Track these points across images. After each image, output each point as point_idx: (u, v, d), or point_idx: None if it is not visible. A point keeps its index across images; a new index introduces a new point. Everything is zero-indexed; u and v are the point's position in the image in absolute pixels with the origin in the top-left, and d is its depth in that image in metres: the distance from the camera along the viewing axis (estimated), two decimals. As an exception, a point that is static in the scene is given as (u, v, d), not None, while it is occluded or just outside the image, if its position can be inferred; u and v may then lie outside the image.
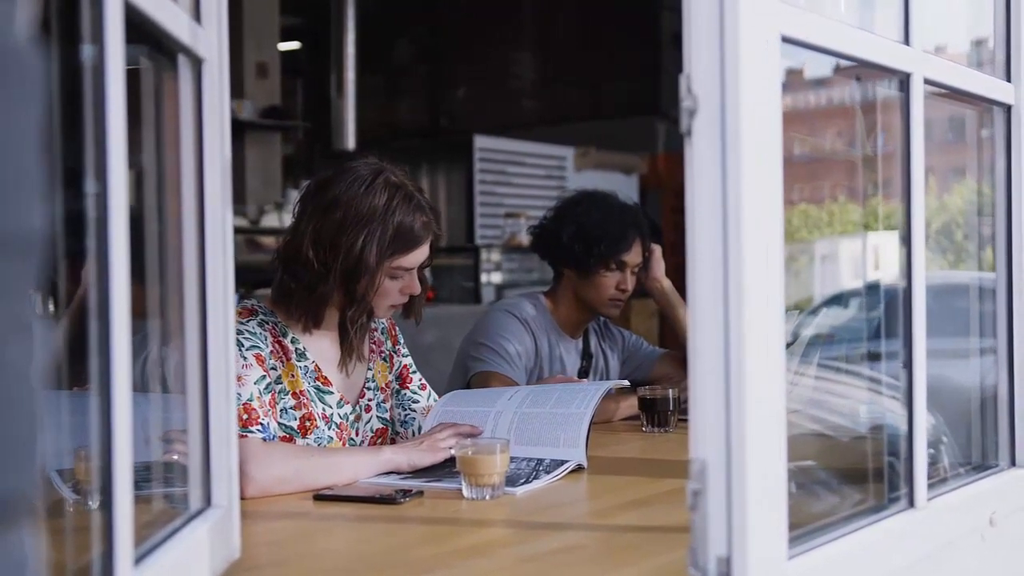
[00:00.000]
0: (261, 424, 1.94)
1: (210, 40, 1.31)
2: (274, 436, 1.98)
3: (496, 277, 7.24)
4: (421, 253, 2.11)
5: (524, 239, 7.32)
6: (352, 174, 2.07)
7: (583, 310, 2.99)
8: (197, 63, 1.30)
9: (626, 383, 2.47)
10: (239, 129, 6.95)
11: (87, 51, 0.97)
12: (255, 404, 1.95)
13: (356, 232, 2.02)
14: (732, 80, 1.15)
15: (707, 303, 1.16)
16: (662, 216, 7.88)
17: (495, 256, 7.31)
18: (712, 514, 1.17)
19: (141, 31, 1.12)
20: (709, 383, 1.16)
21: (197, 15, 1.29)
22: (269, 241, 6.69)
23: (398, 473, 1.96)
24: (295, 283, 2.06)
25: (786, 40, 1.23)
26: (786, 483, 1.23)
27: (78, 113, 0.98)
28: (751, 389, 1.15)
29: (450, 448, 1.98)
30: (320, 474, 1.88)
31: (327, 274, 2.03)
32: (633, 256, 2.93)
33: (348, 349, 2.13)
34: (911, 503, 1.52)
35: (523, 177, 8.27)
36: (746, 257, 1.15)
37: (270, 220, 6.94)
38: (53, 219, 0.91)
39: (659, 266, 3.05)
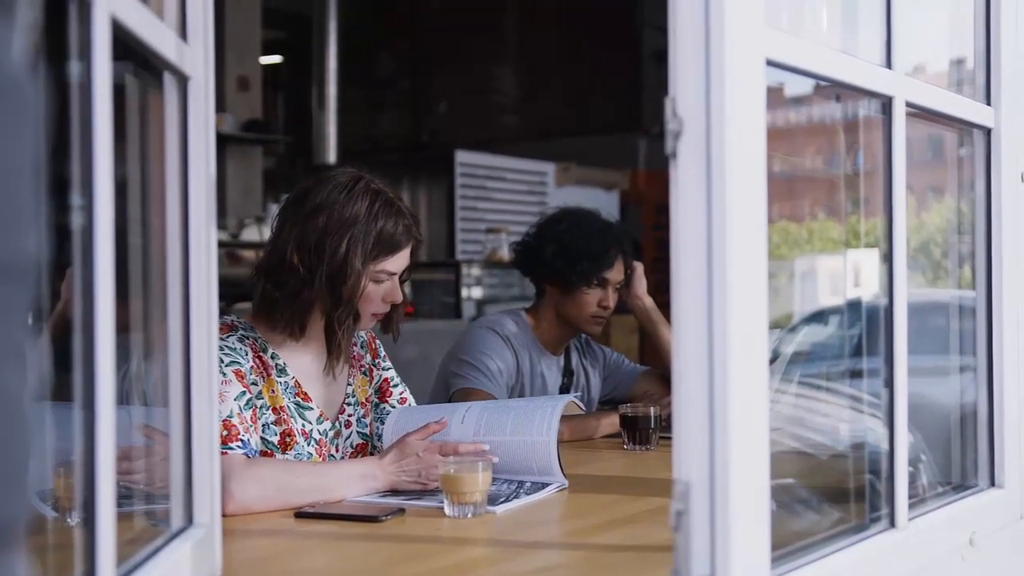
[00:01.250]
0: (241, 440, 1.93)
1: (196, 58, 1.31)
2: (255, 452, 1.97)
3: (477, 292, 7.24)
4: (403, 257, 2.12)
5: (505, 254, 7.32)
6: (332, 181, 2.10)
7: (565, 327, 3.00)
8: (183, 80, 1.30)
9: (576, 397, 2.43)
10: (220, 142, 6.89)
11: (74, 67, 0.97)
12: (235, 420, 1.94)
13: (340, 235, 2.04)
14: (717, 103, 1.16)
15: (691, 324, 1.17)
16: (643, 232, 7.89)
17: (476, 271, 7.30)
18: (695, 534, 1.17)
19: (127, 48, 1.11)
20: (693, 404, 1.17)
21: (183, 33, 1.29)
22: (249, 255, 6.67)
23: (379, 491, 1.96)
24: (279, 291, 2.06)
25: (771, 64, 1.24)
26: (769, 503, 1.24)
27: (64, 127, 0.98)
28: (735, 410, 1.16)
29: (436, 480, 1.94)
30: (302, 495, 1.87)
31: (312, 279, 2.04)
32: (615, 274, 2.94)
33: (336, 352, 2.13)
34: (892, 523, 1.53)
35: (504, 192, 8.28)
36: (731, 278, 1.15)
37: (250, 234, 6.92)
38: (41, 249, 0.91)
39: (641, 284, 3.06)
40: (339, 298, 2.05)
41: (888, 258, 1.54)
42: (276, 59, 9.19)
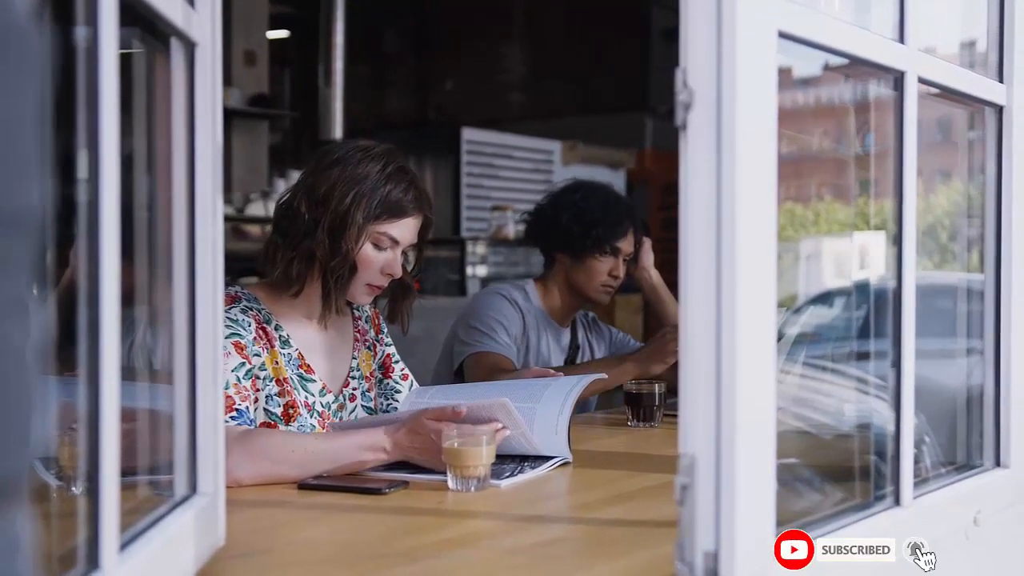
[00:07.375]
0: (237, 410, 1.93)
1: (203, 23, 1.30)
2: (252, 422, 1.97)
3: (481, 270, 7.24)
4: (408, 227, 2.12)
5: (511, 232, 7.32)
6: (356, 143, 2.15)
7: (573, 296, 3.00)
8: (190, 47, 1.29)
9: (603, 375, 2.41)
10: (226, 117, 6.86)
11: (80, 33, 0.96)
12: (231, 391, 1.94)
13: (348, 188, 2.06)
14: (729, 75, 1.14)
15: (699, 298, 1.16)
16: (649, 212, 7.87)
17: (481, 249, 7.31)
18: (700, 509, 1.16)
19: (134, 13, 1.11)
20: (700, 379, 1.16)
21: (191, -2, 1.28)
22: (255, 229, 6.67)
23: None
24: (282, 239, 2.08)
25: (783, 36, 1.23)
26: (775, 479, 1.23)
27: (71, 95, 0.97)
28: (742, 385, 1.15)
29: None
30: (302, 467, 1.83)
31: (315, 228, 2.06)
32: (627, 244, 2.95)
33: (328, 303, 2.12)
34: (897, 501, 1.52)
35: (510, 170, 8.27)
36: (740, 252, 1.15)
37: (256, 209, 6.91)
38: (45, 201, 0.90)
39: (648, 256, 3.09)
40: (337, 249, 2.06)
41: (897, 236, 1.53)
42: (283, 34, 9.15)
